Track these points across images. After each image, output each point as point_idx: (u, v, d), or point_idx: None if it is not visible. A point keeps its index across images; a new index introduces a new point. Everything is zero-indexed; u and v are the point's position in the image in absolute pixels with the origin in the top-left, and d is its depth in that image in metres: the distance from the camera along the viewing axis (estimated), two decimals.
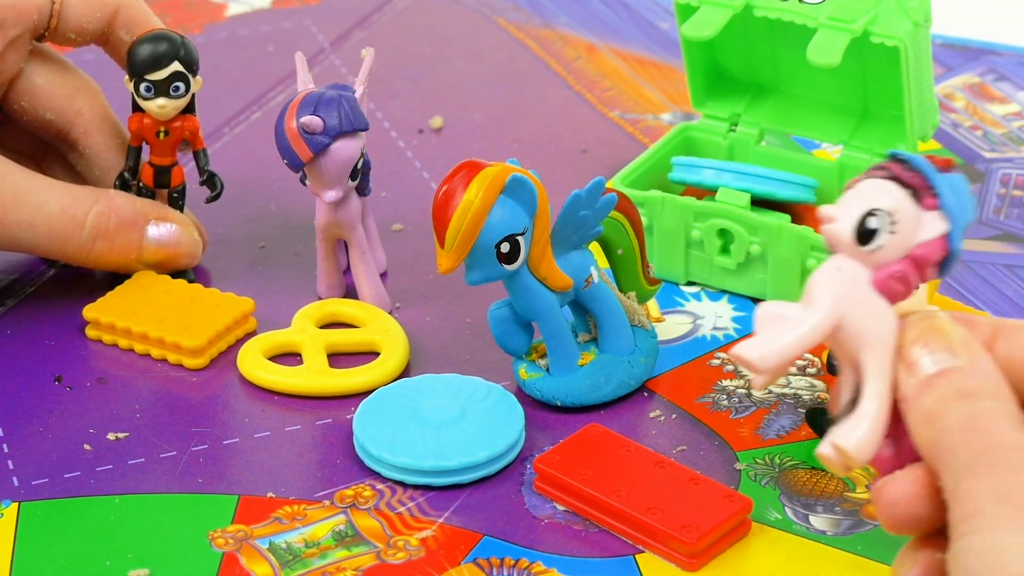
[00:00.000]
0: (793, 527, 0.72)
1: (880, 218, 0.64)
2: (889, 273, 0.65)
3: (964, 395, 0.60)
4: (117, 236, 0.84)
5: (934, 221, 0.65)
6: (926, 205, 0.65)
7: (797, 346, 0.64)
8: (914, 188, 0.65)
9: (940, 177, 0.65)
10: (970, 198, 0.66)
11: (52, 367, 0.82)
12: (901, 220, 0.64)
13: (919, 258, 0.65)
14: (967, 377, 0.61)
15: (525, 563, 0.70)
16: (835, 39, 0.82)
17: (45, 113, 0.87)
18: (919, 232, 0.65)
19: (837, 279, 0.65)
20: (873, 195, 0.65)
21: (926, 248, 0.65)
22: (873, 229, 0.64)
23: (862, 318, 0.65)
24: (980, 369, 0.61)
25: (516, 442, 0.75)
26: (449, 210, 0.73)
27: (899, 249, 0.65)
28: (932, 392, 0.61)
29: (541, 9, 1.17)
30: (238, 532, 0.72)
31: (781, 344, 0.64)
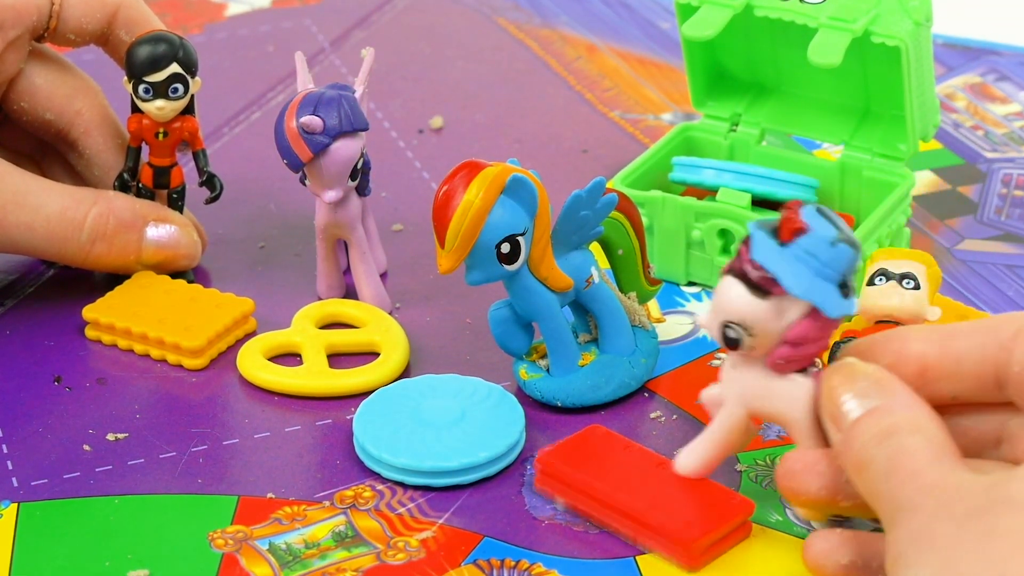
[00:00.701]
0: (794, 529, 0.72)
1: (733, 328, 0.66)
2: (773, 360, 0.67)
3: (885, 435, 0.62)
4: (116, 238, 0.84)
5: (793, 304, 0.65)
6: (776, 293, 0.65)
7: (718, 449, 0.70)
8: (757, 285, 0.65)
9: (781, 261, 0.65)
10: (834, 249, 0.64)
11: (51, 367, 0.82)
12: (753, 323, 0.65)
13: (796, 339, 0.65)
14: (883, 416, 0.62)
15: (525, 564, 0.70)
16: (836, 39, 0.82)
17: (45, 113, 0.87)
18: (783, 317, 0.65)
19: (734, 374, 0.69)
20: (724, 302, 0.66)
21: (797, 331, 0.65)
22: (734, 338, 0.66)
23: (768, 402, 0.68)
24: (897, 404, 0.63)
25: (516, 443, 0.75)
26: (449, 210, 0.73)
27: (771, 337, 0.66)
28: (858, 438, 0.63)
29: (541, 9, 1.17)
30: (238, 533, 0.72)
31: (700, 452, 0.71)
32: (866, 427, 0.63)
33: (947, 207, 0.94)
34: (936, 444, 0.61)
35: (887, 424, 0.62)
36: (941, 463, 0.61)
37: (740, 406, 0.69)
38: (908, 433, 0.62)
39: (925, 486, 0.60)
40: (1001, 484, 0.58)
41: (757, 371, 0.68)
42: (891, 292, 0.75)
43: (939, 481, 0.60)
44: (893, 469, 0.61)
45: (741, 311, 0.66)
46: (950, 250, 0.90)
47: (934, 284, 0.77)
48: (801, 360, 0.67)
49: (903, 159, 0.87)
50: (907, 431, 0.62)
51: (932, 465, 0.60)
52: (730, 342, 0.67)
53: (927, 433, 0.62)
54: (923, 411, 0.63)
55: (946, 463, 0.61)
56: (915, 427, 0.62)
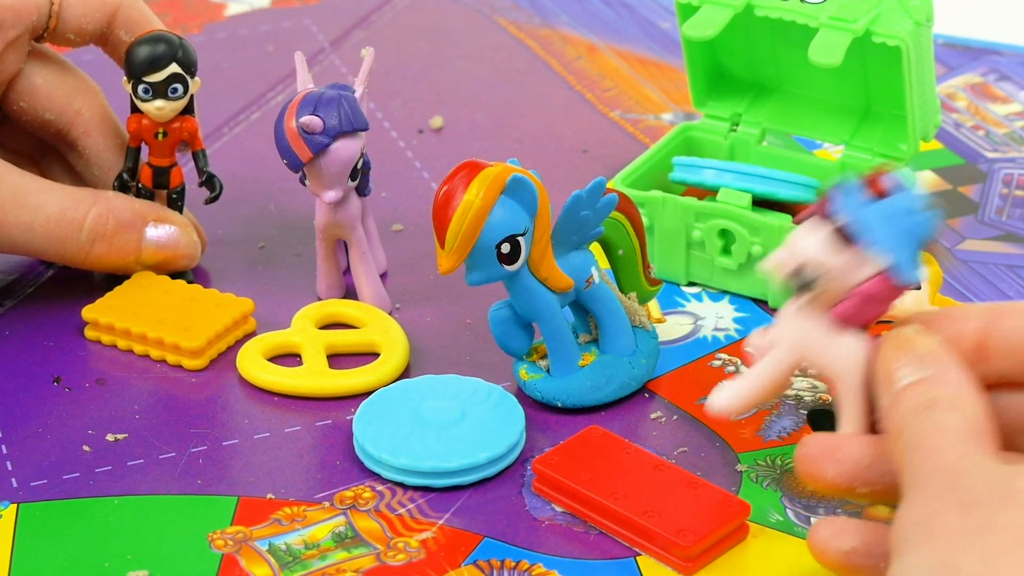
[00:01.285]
0: (795, 529, 0.72)
1: (809, 269, 0.66)
2: (841, 311, 0.67)
3: (925, 407, 0.62)
4: (115, 238, 0.84)
5: (872, 258, 0.66)
6: (861, 246, 0.65)
7: (757, 391, 0.69)
8: (842, 230, 0.65)
9: (872, 214, 0.66)
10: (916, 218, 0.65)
11: (51, 368, 0.82)
12: (830, 267, 0.66)
13: (865, 294, 0.66)
14: (930, 388, 0.62)
15: (525, 565, 0.70)
16: (836, 39, 0.82)
17: (44, 113, 0.87)
18: (858, 271, 0.66)
19: (794, 321, 0.68)
20: (803, 243, 0.66)
21: (869, 286, 0.66)
22: (809, 282, 0.66)
23: (823, 355, 0.68)
24: (945, 379, 0.63)
25: (517, 443, 0.75)
26: (449, 210, 0.73)
27: (842, 288, 0.66)
28: (899, 406, 0.62)
29: (542, 9, 1.17)
30: (237, 533, 0.72)
31: (741, 391, 0.69)
32: (910, 396, 0.62)
33: (948, 207, 0.94)
34: (972, 425, 0.61)
35: (930, 396, 0.62)
36: (966, 444, 0.60)
37: (792, 353, 0.68)
38: (947, 409, 0.61)
39: (941, 466, 0.59)
40: (1009, 477, 0.58)
41: (817, 321, 0.67)
42: None
43: (955, 463, 0.59)
44: (920, 442, 0.61)
45: (820, 255, 0.66)
46: (951, 250, 0.90)
47: (935, 284, 0.77)
48: (863, 318, 0.67)
49: (904, 159, 0.87)
50: (946, 407, 0.61)
51: (957, 445, 0.60)
52: (803, 285, 0.66)
53: (966, 412, 0.61)
54: (970, 390, 0.62)
55: (972, 446, 0.60)
56: (955, 404, 0.61)
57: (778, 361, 0.69)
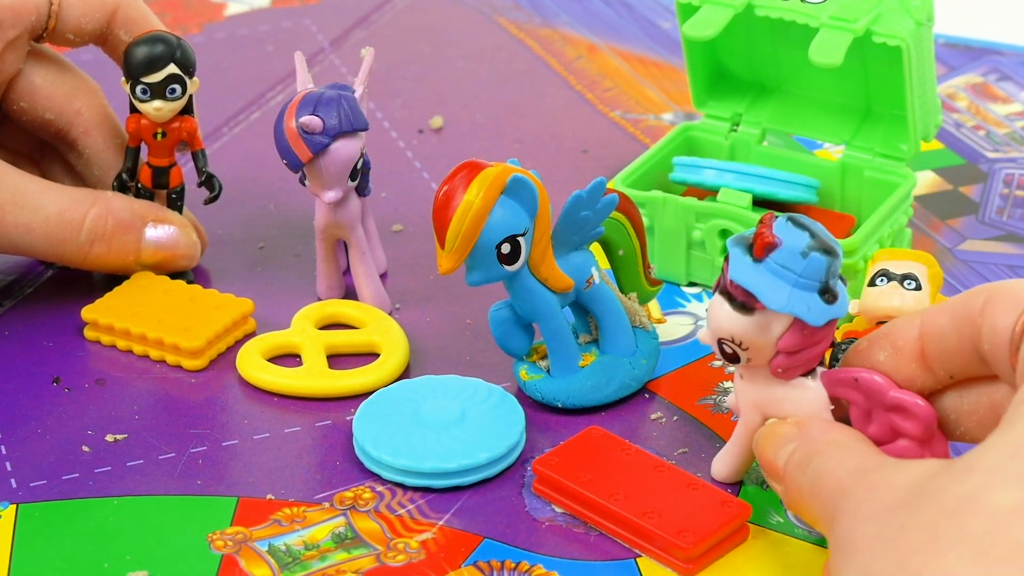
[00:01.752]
0: (795, 531, 0.72)
1: (728, 344, 0.67)
2: (774, 369, 0.68)
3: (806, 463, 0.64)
4: (115, 238, 0.84)
5: (778, 317, 0.67)
6: (760, 309, 0.66)
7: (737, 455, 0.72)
8: (740, 303, 0.66)
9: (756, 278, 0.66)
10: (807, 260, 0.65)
11: (50, 368, 0.82)
12: (744, 338, 0.67)
13: (788, 348, 0.67)
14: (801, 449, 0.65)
15: (526, 566, 0.70)
16: (837, 39, 0.82)
17: (44, 113, 0.86)
18: (769, 331, 0.67)
19: (743, 388, 0.70)
20: (714, 320, 0.68)
21: (787, 340, 0.67)
22: (731, 353, 0.67)
23: (779, 409, 0.70)
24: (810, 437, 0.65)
25: (517, 444, 0.75)
26: (449, 211, 0.73)
27: (767, 347, 0.68)
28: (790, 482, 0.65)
29: (542, 8, 1.17)
30: (237, 534, 0.72)
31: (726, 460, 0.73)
32: (792, 465, 0.65)
33: (949, 207, 0.94)
34: (856, 453, 0.63)
35: (808, 451, 0.65)
36: (865, 466, 0.62)
37: (755, 413, 0.70)
38: (824, 454, 0.64)
39: (848, 488, 0.61)
40: (920, 482, 0.58)
41: (764, 379, 0.69)
42: (892, 293, 0.75)
43: (861, 482, 0.61)
44: (817, 488, 0.63)
45: (730, 329, 0.67)
46: (951, 250, 0.90)
47: (936, 285, 0.77)
48: (802, 365, 0.68)
49: (904, 159, 0.87)
50: (823, 452, 0.64)
51: (851, 473, 0.62)
52: (728, 357, 0.68)
53: (843, 445, 0.64)
54: (838, 431, 0.65)
55: (872, 465, 0.61)
56: (830, 446, 0.64)
57: (747, 424, 0.71)
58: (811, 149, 0.98)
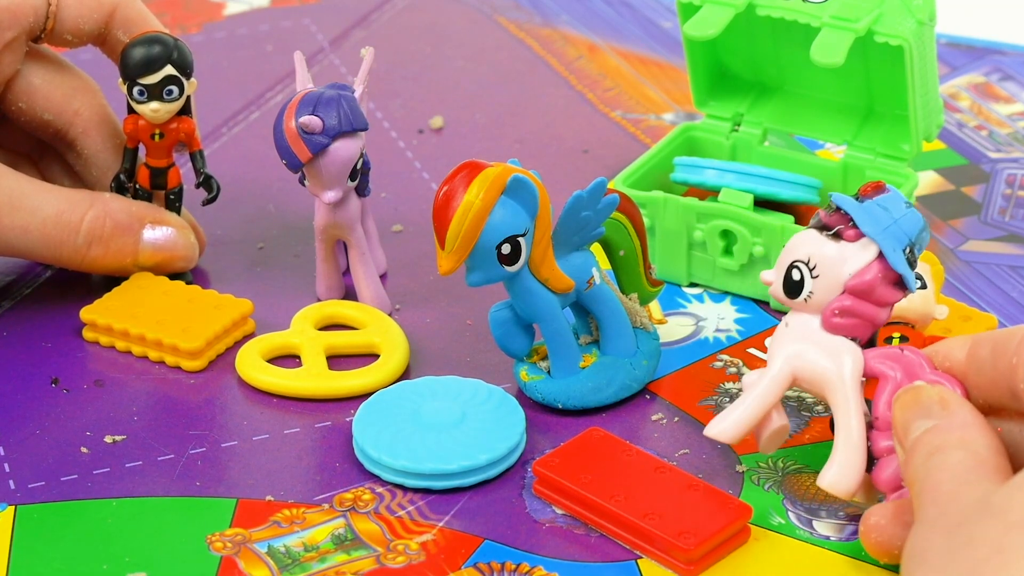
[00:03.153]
0: (796, 532, 0.72)
1: (799, 268, 0.67)
2: (831, 312, 0.68)
3: (932, 452, 0.63)
4: (112, 240, 0.84)
5: (860, 250, 0.68)
6: (847, 237, 0.68)
7: (752, 412, 0.70)
8: (830, 227, 0.68)
9: (859, 206, 0.68)
10: (907, 211, 0.68)
11: (49, 369, 0.81)
12: (820, 262, 0.68)
13: (856, 288, 0.68)
14: (937, 435, 0.64)
15: (526, 567, 0.70)
16: (839, 38, 0.82)
17: (43, 113, 0.86)
18: (846, 265, 0.68)
19: (784, 336, 0.70)
20: (794, 247, 0.69)
21: (858, 277, 0.67)
22: (797, 280, 0.67)
23: (815, 365, 0.69)
24: (950, 424, 0.65)
25: (517, 445, 0.75)
26: (450, 211, 0.73)
27: (832, 288, 0.68)
28: (912, 458, 0.64)
29: (542, 8, 1.17)
30: (236, 536, 0.71)
31: (737, 414, 0.71)
32: (921, 446, 0.64)
33: (951, 208, 0.94)
34: (977, 460, 0.62)
35: (937, 442, 0.64)
36: (966, 476, 0.62)
37: (787, 365, 0.69)
38: (953, 449, 0.63)
39: (937, 497, 0.61)
40: (989, 495, 0.59)
41: (811, 330, 0.69)
42: None
43: (950, 492, 0.61)
44: (926, 482, 0.63)
45: (809, 249, 0.68)
46: (954, 251, 0.90)
47: (938, 282, 0.77)
48: (855, 321, 0.68)
49: (906, 159, 0.87)
50: (953, 447, 0.63)
51: (955, 478, 0.62)
52: (793, 285, 0.68)
53: (973, 449, 0.63)
54: (977, 429, 0.64)
55: (972, 476, 0.61)
56: (962, 444, 0.63)
57: (773, 379, 0.70)
58: (813, 149, 0.97)
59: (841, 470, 0.69)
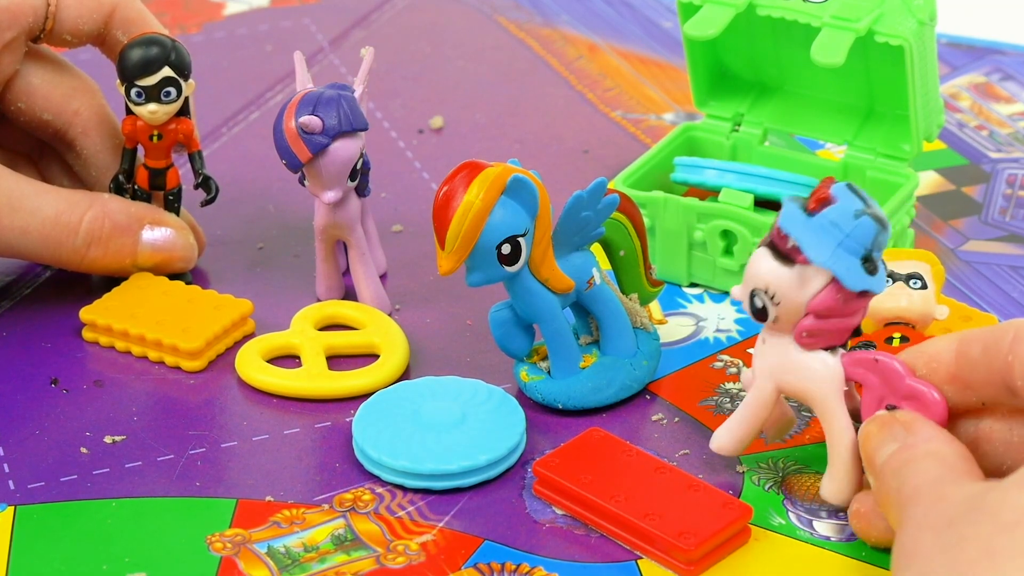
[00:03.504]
0: (797, 532, 0.71)
1: (759, 296, 0.67)
2: (799, 334, 0.68)
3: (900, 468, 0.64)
4: (111, 241, 0.84)
5: (817, 272, 0.67)
6: (800, 262, 0.67)
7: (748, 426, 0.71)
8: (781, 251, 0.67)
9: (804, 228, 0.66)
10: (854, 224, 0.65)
11: (48, 370, 0.81)
12: (777, 290, 0.67)
13: (819, 310, 0.67)
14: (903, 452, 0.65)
15: (526, 568, 0.70)
16: (839, 38, 0.82)
17: (42, 113, 0.86)
18: (805, 288, 0.67)
19: (763, 352, 0.70)
20: (751, 270, 0.68)
21: (819, 300, 0.67)
22: (760, 307, 0.67)
23: (796, 383, 0.69)
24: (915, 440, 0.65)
25: (517, 445, 0.75)
26: (450, 211, 0.72)
27: (796, 310, 0.68)
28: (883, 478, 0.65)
29: (542, 8, 1.16)
30: (236, 536, 0.71)
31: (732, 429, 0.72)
32: (889, 465, 0.65)
33: (951, 208, 0.94)
34: (948, 465, 0.63)
35: (906, 456, 0.64)
36: (943, 478, 0.62)
37: (769, 381, 0.70)
38: (921, 459, 0.64)
39: (920, 498, 0.62)
40: (979, 494, 0.59)
41: (786, 347, 0.69)
42: (899, 293, 0.75)
43: (932, 492, 0.61)
44: (901, 492, 0.63)
45: (765, 278, 0.67)
46: (954, 251, 0.90)
47: (938, 283, 0.77)
48: (827, 336, 0.68)
49: (907, 159, 0.87)
50: (921, 459, 0.64)
51: (934, 482, 0.62)
52: (757, 311, 0.68)
53: (941, 458, 0.63)
54: (943, 441, 0.65)
55: (950, 478, 0.62)
56: (929, 455, 0.64)
57: (759, 391, 0.71)
58: (813, 149, 0.97)
59: (836, 483, 0.70)
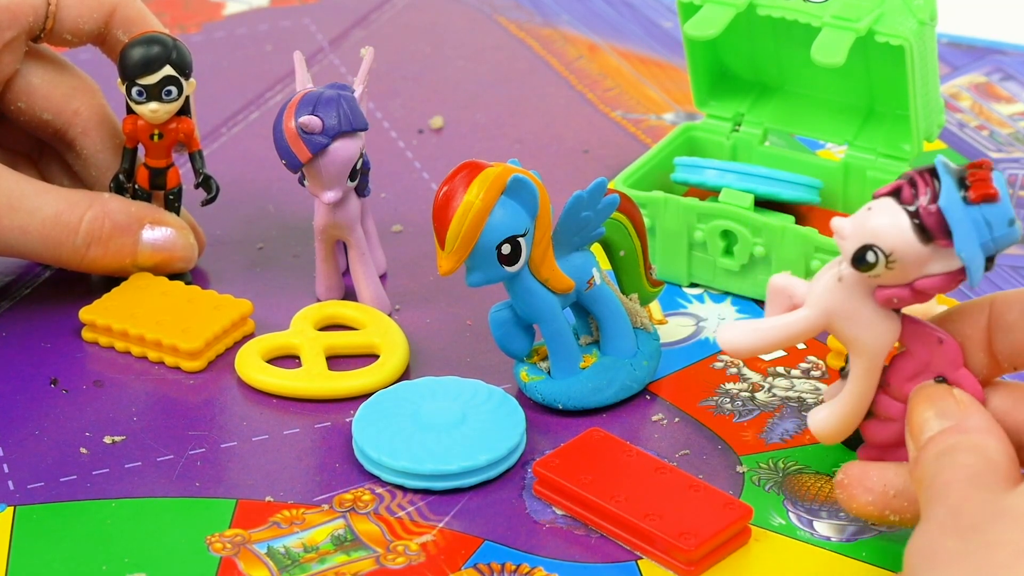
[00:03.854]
0: (797, 533, 0.71)
1: (877, 254, 0.65)
2: (887, 296, 0.67)
3: (944, 452, 0.63)
4: (112, 241, 0.84)
5: (946, 257, 0.65)
6: (940, 244, 0.65)
7: (772, 340, 0.68)
8: (925, 225, 0.65)
9: (962, 217, 0.64)
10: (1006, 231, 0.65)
11: (48, 370, 0.81)
12: (900, 259, 0.65)
13: (921, 288, 0.66)
14: (951, 435, 0.64)
15: (526, 568, 0.70)
16: (840, 38, 0.82)
17: (42, 113, 0.86)
18: (925, 266, 0.66)
19: (834, 289, 0.67)
20: (880, 226, 0.65)
21: (930, 282, 0.66)
22: (871, 262, 0.65)
23: (854, 328, 0.68)
24: (966, 426, 0.64)
25: (517, 446, 0.75)
26: (450, 211, 0.72)
27: (900, 278, 0.66)
28: (924, 455, 0.64)
29: (542, 7, 1.16)
30: (236, 536, 0.71)
31: (756, 335, 0.68)
32: (933, 444, 0.64)
33: None
34: (989, 465, 0.62)
35: (951, 443, 0.64)
36: (977, 480, 0.61)
37: (822, 318, 0.68)
38: (965, 451, 0.63)
39: (946, 499, 0.61)
40: (1003, 497, 0.59)
41: (862, 296, 0.67)
42: None
43: (960, 493, 0.61)
44: (934, 481, 0.62)
45: (896, 244, 0.65)
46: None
47: None
48: (906, 304, 0.67)
49: (907, 159, 0.87)
50: (965, 449, 0.63)
51: (966, 480, 0.61)
52: (863, 264, 0.65)
53: (986, 454, 0.63)
54: (992, 436, 0.64)
55: (983, 481, 0.61)
56: (975, 448, 0.63)
57: (805, 320, 0.68)
58: (813, 149, 0.97)
59: (835, 417, 0.68)
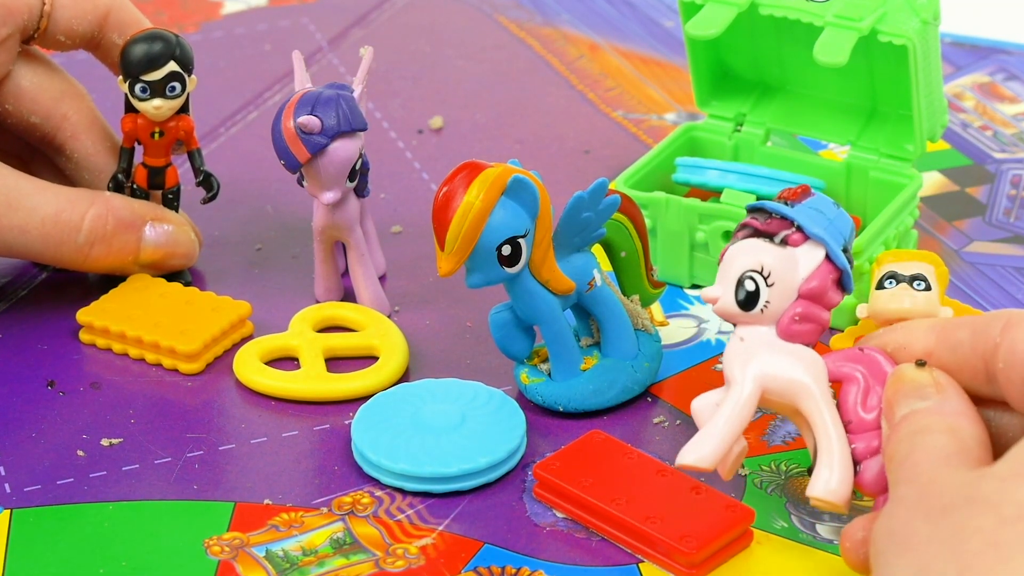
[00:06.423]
0: (799, 536, 0.71)
1: (753, 279, 0.67)
2: (789, 319, 0.68)
3: (916, 432, 0.63)
4: (115, 239, 0.84)
5: (808, 252, 0.68)
6: (793, 242, 0.68)
7: (729, 432, 0.68)
8: (774, 234, 0.68)
9: (797, 209, 0.68)
10: (837, 211, 0.69)
11: (45, 372, 0.81)
12: (774, 269, 0.68)
13: (811, 291, 0.69)
14: (924, 416, 0.64)
15: (526, 571, 0.70)
16: (842, 38, 0.82)
17: (30, 116, 0.86)
18: (799, 269, 0.68)
19: (741, 352, 0.69)
20: (739, 259, 0.68)
21: (813, 279, 0.68)
22: (752, 291, 0.67)
23: (782, 376, 0.68)
24: (941, 407, 0.64)
25: (517, 448, 0.75)
26: (449, 212, 0.72)
27: (787, 294, 0.68)
28: (896, 434, 0.64)
29: (543, 7, 1.16)
30: (234, 540, 0.71)
31: (713, 438, 0.68)
32: (908, 422, 0.64)
33: (955, 208, 0.94)
34: (961, 447, 0.62)
35: (924, 423, 0.64)
36: (947, 461, 0.61)
37: (755, 383, 0.68)
38: (939, 432, 0.63)
39: (916, 479, 0.61)
40: (974, 482, 0.59)
41: (769, 340, 0.68)
42: (903, 295, 0.74)
43: (929, 474, 0.61)
44: (905, 460, 0.62)
45: (761, 258, 0.67)
46: (958, 252, 0.90)
47: (942, 284, 0.77)
48: (811, 328, 0.68)
49: (910, 160, 0.87)
50: (939, 431, 0.63)
51: (936, 462, 0.61)
52: (748, 297, 0.68)
53: (960, 436, 0.63)
54: (967, 418, 0.64)
55: (953, 462, 0.61)
56: (949, 429, 0.63)
57: (741, 395, 0.69)
58: (816, 149, 0.97)
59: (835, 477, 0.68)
